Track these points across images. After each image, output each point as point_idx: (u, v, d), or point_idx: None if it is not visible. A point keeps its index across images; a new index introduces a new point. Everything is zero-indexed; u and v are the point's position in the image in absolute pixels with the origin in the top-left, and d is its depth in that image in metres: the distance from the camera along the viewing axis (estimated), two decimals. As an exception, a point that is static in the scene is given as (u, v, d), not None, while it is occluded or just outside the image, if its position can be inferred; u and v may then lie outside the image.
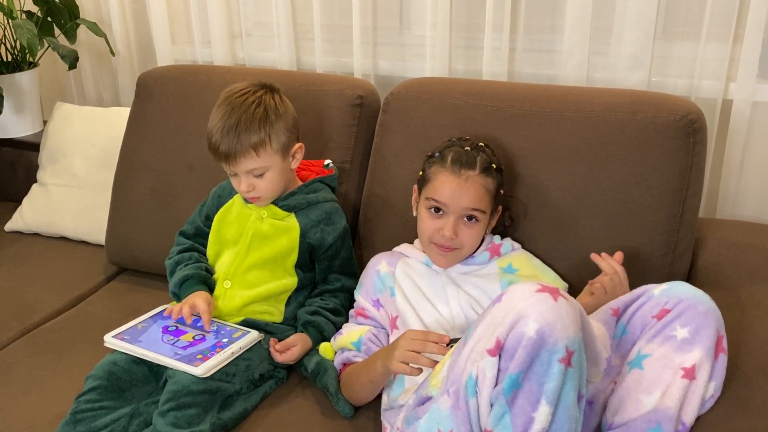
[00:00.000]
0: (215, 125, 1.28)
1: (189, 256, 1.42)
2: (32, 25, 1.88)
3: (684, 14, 1.58)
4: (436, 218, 1.22)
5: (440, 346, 1.03)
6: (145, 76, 1.73)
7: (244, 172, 1.29)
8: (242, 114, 1.27)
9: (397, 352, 1.07)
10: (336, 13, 1.87)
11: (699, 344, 0.97)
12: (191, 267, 1.38)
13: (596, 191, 1.29)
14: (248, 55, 1.98)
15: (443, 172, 1.21)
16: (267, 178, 1.31)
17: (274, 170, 1.31)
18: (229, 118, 1.27)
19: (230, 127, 1.26)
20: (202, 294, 1.33)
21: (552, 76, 1.65)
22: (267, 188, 1.32)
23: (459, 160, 1.21)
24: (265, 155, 1.28)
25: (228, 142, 1.26)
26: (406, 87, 1.50)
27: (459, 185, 1.19)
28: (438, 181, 1.22)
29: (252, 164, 1.28)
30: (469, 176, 1.20)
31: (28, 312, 1.57)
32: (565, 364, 0.86)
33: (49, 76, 2.34)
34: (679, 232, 1.27)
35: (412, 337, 1.06)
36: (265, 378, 1.28)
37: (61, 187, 1.90)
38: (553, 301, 0.87)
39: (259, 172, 1.30)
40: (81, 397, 1.21)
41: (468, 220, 1.21)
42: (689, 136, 1.25)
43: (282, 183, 1.35)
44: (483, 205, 1.21)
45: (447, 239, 1.20)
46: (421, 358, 1.04)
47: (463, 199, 1.19)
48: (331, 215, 1.38)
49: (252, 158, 1.27)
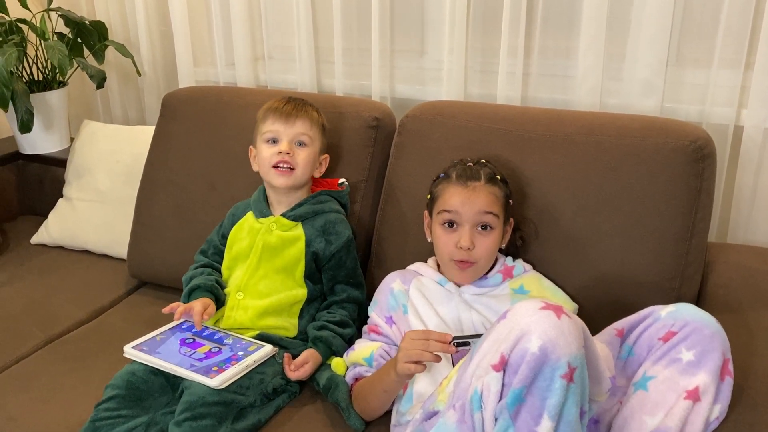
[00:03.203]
0: (274, 100, 1.45)
1: (202, 270, 1.47)
2: (63, 46, 1.95)
3: (696, 41, 1.60)
4: (451, 232, 1.24)
5: (443, 345, 1.05)
6: (169, 97, 1.79)
7: (294, 134, 1.39)
8: (297, 102, 1.44)
9: (400, 354, 1.09)
10: (356, 37, 1.92)
11: (704, 367, 0.97)
12: (200, 278, 1.43)
13: (606, 214, 1.31)
14: (270, 77, 2.03)
15: (450, 185, 1.25)
16: (305, 152, 1.40)
17: (312, 149, 1.41)
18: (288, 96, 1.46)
19: (293, 99, 1.44)
20: (203, 299, 1.38)
21: (566, 101, 1.68)
22: (301, 162, 1.40)
23: (464, 174, 1.25)
24: (315, 130, 1.42)
25: (293, 105, 1.42)
26: (421, 110, 1.53)
27: (468, 194, 1.22)
28: (447, 194, 1.25)
29: (305, 128, 1.40)
30: (476, 186, 1.23)
31: (51, 322, 1.61)
32: (567, 380, 0.87)
33: (77, 94, 2.41)
34: (687, 256, 1.28)
35: (413, 337, 1.09)
36: (278, 392, 1.31)
37: (85, 202, 1.96)
38: (556, 319, 0.89)
39: (306, 140, 1.41)
40: (100, 405, 1.24)
41: (483, 229, 1.23)
42: (698, 161, 1.27)
43: (309, 172, 1.43)
44: (495, 209, 1.23)
45: (464, 251, 1.22)
46: (424, 354, 1.05)
47: (475, 205, 1.22)
48: (335, 224, 1.41)
49: (307, 124, 1.41)
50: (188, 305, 1.36)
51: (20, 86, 1.92)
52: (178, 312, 1.35)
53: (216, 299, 1.41)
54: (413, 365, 1.07)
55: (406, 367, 1.08)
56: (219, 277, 1.47)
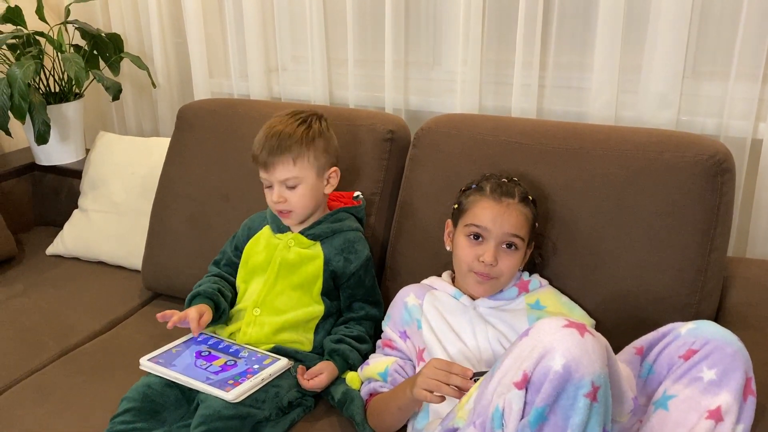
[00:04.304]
0: (261, 134, 1.37)
1: (209, 279, 1.47)
2: (80, 58, 1.96)
3: (713, 53, 1.59)
4: (476, 245, 1.23)
5: (463, 380, 1.05)
6: (185, 109, 1.80)
7: (278, 181, 1.35)
8: (287, 126, 1.36)
9: (420, 380, 1.08)
10: (369, 49, 1.93)
11: (726, 387, 0.95)
12: (204, 286, 1.43)
13: (623, 230, 1.30)
14: (283, 89, 2.04)
15: (483, 199, 1.24)
16: (298, 191, 1.35)
17: (306, 185, 1.36)
18: (274, 128, 1.36)
19: (274, 135, 1.35)
20: (198, 306, 1.37)
21: (581, 114, 1.68)
22: (297, 203, 1.36)
23: (499, 188, 1.24)
24: (301, 166, 1.34)
25: (269, 148, 1.33)
26: (436, 122, 1.53)
27: (501, 211, 1.22)
28: (478, 207, 1.24)
29: (287, 173, 1.34)
30: (510, 203, 1.23)
31: (66, 333, 1.61)
32: (590, 399, 0.87)
33: (92, 106, 2.43)
34: (707, 271, 1.27)
35: (436, 366, 1.08)
36: (293, 405, 1.30)
37: (100, 213, 1.97)
38: (580, 337, 0.88)
39: (293, 183, 1.35)
40: (116, 418, 1.24)
41: (508, 247, 1.22)
42: (717, 176, 1.26)
43: (312, 202, 1.39)
44: (523, 233, 1.22)
45: (487, 266, 1.21)
46: (443, 387, 1.05)
47: (506, 225, 1.21)
48: (354, 244, 1.41)
49: (288, 167, 1.33)
50: (183, 313, 1.34)
51: (37, 98, 1.94)
52: (172, 321, 1.32)
53: (216, 306, 1.40)
54: (429, 394, 1.07)
55: (422, 394, 1.08)
56: (225, 286, 1.46)
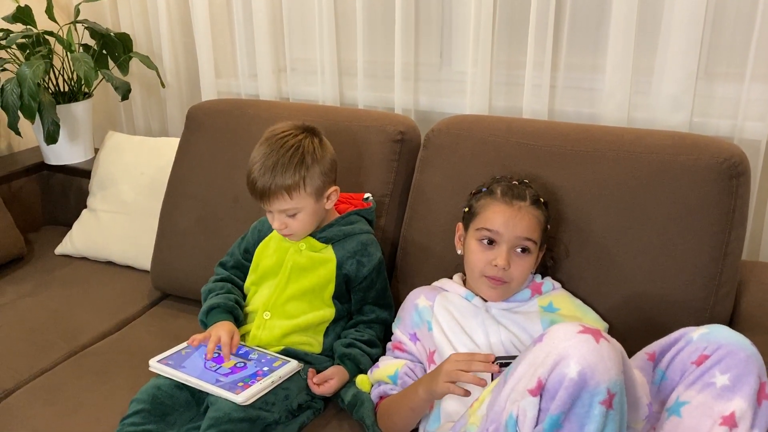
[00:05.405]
0: (254, 164, 1.33)
1: (221, 285, 1.46)
2: (89, 58, 1.96)
3: (727, 54, 1.58)
4: (488, 249, 1.22)
5: (486, 364, 1.04)
6: (194, 109, 1.79)
7: (277, 211, 1.34)
8: (280, 157, 1.31)
9: (442, 373, 1.08)
10: (378, 50, 1.92)
11: (740, 392, 0.94)
12: (220, 296, 1.42)
13: (637, 232, 1.29)
14: (292, 90, 2.04)
15: (495, 203, 1.23)
16: (299, 218, 1.34)
17: (306, 212, 1.34)
18: (267, 158, 1.31)
19: (267, 168, 1.30)
20: (226, 325, 1.35)
21: (593, 115, 1.66)
22: (299, 228, 1.36)
23: (510, 191, 1.23)
24: (297, 198, 1.32)
25: (263, 182, 1.30)
26: (447, 124, 1.52)
27: (513, 214, 1.20)
28: (490, 211, 1.23)
29: (285, 205, 1.32)
30: (522, 206, 1.21)
31: (74, 333, 1.61)
32: (606, 407, 0.86)
33: (101, 106, 2.43)
34: (721, 275, 1.25)
35: (457, 359, 1.08)
36: (303, 408, 1.30)
37: (109, 213, 1.97)
38: (595, 343, 0.87)
39: (292, 212, 1.34)
40: (125, 420, 1.24)
41: (521, 252, 1.21)
42: (732, 178, 1.24)
43: (314, 222, 1.38)
44: (535, 236, 1.21)
45: (499, 270, 1.20)
46: (468, 376, 1.04)
47: (518, 228, 1.20)
48: (366, 246, 1.40)
49: (285, 200, 1.31)
50: (215, 337, 1.31)
51: (47, 98, 1.94)
52: (209, 350, 1.30)
53: (235, 320, 1.40)
54: (452, 385, 1.06)
55: (447, 387, 1.07)
56: (237, 294, 1.46)
